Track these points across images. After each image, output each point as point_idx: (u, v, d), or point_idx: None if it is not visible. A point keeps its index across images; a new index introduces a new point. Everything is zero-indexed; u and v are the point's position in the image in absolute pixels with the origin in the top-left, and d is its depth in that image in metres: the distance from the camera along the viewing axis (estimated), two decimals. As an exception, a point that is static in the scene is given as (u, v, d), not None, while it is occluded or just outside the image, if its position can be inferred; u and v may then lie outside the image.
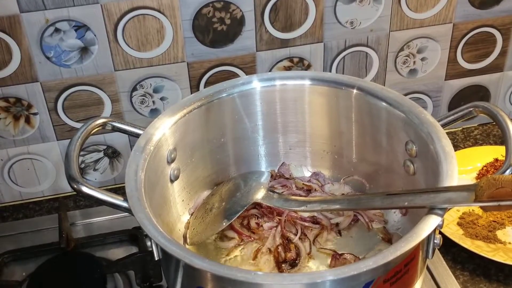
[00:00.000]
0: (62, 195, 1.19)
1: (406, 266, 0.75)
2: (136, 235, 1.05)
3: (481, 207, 1.00)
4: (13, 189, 1.17)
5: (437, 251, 0.99)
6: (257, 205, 0.99)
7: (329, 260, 0.91)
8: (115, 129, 0.93)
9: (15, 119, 1.09)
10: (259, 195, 0.95)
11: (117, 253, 1.04)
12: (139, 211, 0.78)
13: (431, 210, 0.74)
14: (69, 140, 0.87)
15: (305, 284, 0.70)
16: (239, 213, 0.94)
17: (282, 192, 1.02)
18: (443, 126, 0.87)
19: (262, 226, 0.97)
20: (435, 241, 0.78)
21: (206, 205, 1.00)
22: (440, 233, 0.96)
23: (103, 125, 0.91)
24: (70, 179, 0.81)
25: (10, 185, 1.17)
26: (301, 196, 1.01)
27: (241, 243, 0.96)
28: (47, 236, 1.08)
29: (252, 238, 0.96)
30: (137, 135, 0.91)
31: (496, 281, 0.97)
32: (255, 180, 1.00)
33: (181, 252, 0.72)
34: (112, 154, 1.18)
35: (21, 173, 1.15)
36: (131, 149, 0.88)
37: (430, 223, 0.73)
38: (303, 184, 1.04)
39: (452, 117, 0.90)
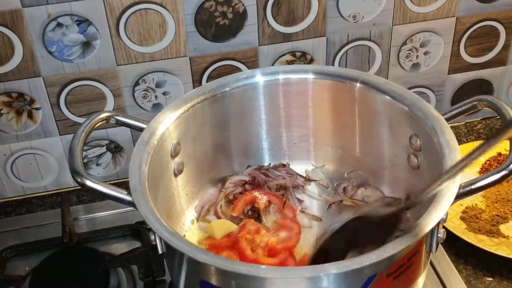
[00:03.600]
0: (65, 190, 1.19)
1: (409, 260, 0.75)
2: (139, 230, 1.05)
3: None
4: (16, 184, 1.17)
5: (440, 245, 0.99)
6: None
7: None
8: (119, 123, 0.93)
9: (18, 114, 1.09)
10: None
11: (120, 247, 1.04)
12: (142, 205, 0.78)
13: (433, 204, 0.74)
14: (72, 135, 0.87)
15: (308, 277, 0.70)
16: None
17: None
18: (447, 120, 0.87)
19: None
20: (439, 235, 0.78)
21: None
22: (443, 227, 0.96)
23: (107, 119, 0.91)
24: (74, 172, 0.81)
25: (13, 180, 1.17)
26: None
27: None
28: (50, 231, 1.08)
29: None
30: (140, 129, 0.91)
31: (499, 275, 0.97)
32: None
33: (184, 246, 0.72)
34: (115, 149, 1.18)
35: (24, 168, 1.15)
36: (134, 144, 0.88)
37: (433, 217, 0.73)
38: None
39: (456, 111, 0.89)
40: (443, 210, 0.73)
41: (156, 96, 1.13)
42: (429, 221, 0.72)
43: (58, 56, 1.05)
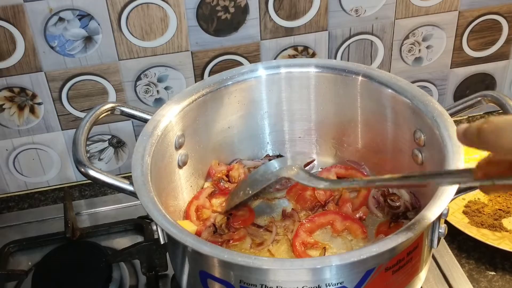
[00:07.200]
0: (67, 185, 1.19)
1: (409, 254, 0.75)
2: (141, 225, 1.05)
3: (480, 189, 0.98)
4: (19, 179, 1.17)
5: (442, 240, 0.99)
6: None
7: None
8: (123, 114, 0.93)
9: (20, 109, 1.09)
10: (291, 172, 0.92)
11: (122, 242, 1.04)
12: (143, 195, 0.78)
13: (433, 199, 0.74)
14: (74, 129, 0.87)
15: (306, 269, 0.70)
16: (265, 184, 0.92)
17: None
18: (451, 115, 0.87)
19: None
20: (440, 230, 0.78)
21: (243, 181, 0.99)
22: (446, 222, 0.96)
23: (112, 109, 0.91)
24: (78, 163, 0.82)
25: (16, 175, 1.17)
26: None
27: None
28: (52, 225, 1.08)
29: None
30: (145, 120, 0.91)
31: (501, 269, 0.97)
32: (294, 161, 0.98)
33: (183, 236, 0.72)
34: (117, 143, 1.18)
35: (26, 163, 1.16)
36: (136, 139, 0.88)
37: (433, 212, 0.73)
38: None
39: (460, 106, 0.89)
40: (443, 205, 0.73)
41: (158, 91, 1.13)
42: (429, 216, 0.72)
43: (60, 51, 1.05)
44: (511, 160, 0.64)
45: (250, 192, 0.92)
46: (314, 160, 1.03)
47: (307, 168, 1.00)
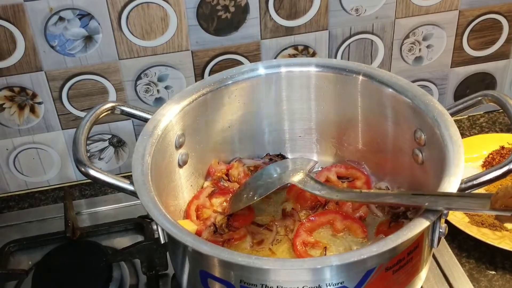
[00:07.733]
0: (68, 185, 1.19)
1: (409, 254, 0.75)
2: (141, 224, 1.05)
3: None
4: (19, 178, 1.17)
5: (442, 239, 0.99)
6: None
7: None
8: (123, 114, 0.93)
9: (20, 109, 1.09)
10: (296, 178, 0.93)
11: (122, 242, 1.04)
12: (144, 195, 0.78)
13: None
14: (74, 129, 0.87)
15: (306, 269, 0.70)
16: (271, 191, 0.92)
17: None
18: (452, 114, 0.86)
19: None
20: (440, 230, 0.78)
21: (246, 183, 0.99)
22: (446, 221, 0.96)
23: (112, 109, 0.91)
24: (78, 162, 0.82)
25: (16, 174, 1.17)
26: None
27: None
28: (52, 225, 1.08)
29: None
30: (145, 120, 0.91)
31: (502, 268, 0.97)
32: (298, 165, 0.98)
33: (183, 235, 0.72)
34: (117, 143, 1.18)
35: (27, 162, 1.16)
36: (136, 138, 0.88)
37: (432, 211, 0.73)
38: None
39: (461, 106, 0.89)
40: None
41: (158, 90, 1.13)
42: (429, 216, 0.72)
43: (60, 50, 1.05)
44: None
45: (255, 198, 0.92)
46: (317, 162, 1.02)
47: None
